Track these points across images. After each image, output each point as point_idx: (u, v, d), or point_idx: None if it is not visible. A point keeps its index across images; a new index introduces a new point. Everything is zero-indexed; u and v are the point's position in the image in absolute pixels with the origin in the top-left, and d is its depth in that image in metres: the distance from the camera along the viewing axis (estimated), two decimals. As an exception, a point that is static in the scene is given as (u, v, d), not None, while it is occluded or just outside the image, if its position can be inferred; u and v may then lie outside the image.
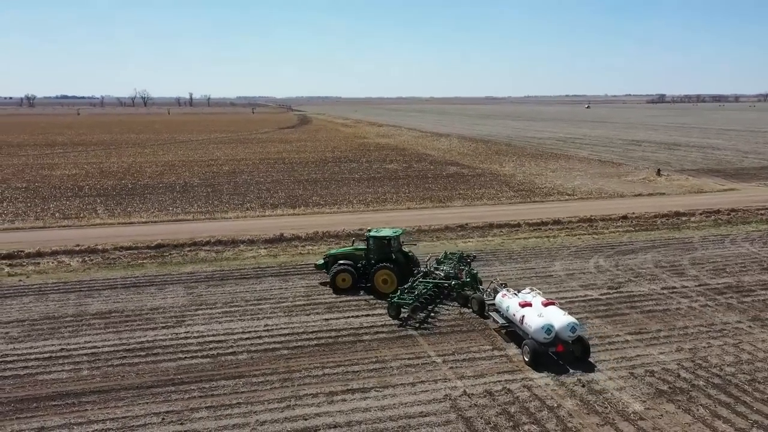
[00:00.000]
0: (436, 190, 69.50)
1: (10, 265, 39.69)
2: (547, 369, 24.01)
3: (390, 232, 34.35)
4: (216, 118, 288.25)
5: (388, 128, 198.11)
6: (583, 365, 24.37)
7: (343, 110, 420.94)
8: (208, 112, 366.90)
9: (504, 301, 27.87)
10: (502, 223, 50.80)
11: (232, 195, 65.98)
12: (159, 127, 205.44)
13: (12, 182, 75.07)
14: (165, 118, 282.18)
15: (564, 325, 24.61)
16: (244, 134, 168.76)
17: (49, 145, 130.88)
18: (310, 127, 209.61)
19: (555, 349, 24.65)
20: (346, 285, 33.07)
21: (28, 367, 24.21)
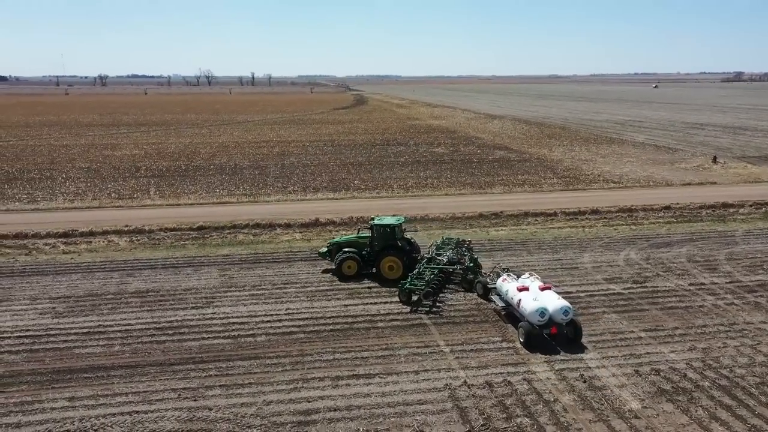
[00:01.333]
0: (479, 176, 69.36)
1: (65, 243, 42.78)
2: (551, 361, 24.40)
3: (393, 220, 35.41)
4: (275, 98, 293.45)
5: (443, 109, 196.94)
6: (590, 360, 24.61)
7: (400, 90, 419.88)
8: (268, 92, 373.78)
9: (504, 285, 29.07)
10: (538, 211, 50.51)
11: (278, 178, 67.98)
12: (219, 107, 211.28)
13: (77, 162, 79.68)
14: (226, 98, 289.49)
15: (557, 309, 26.00)
16: (299, 115, 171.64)
17: (115, 125, 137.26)
18: (364, 107, 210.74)
19: (549, 331, 25.87)
20: (351, 272, 34.21)
21: (68, 341, 26.50)
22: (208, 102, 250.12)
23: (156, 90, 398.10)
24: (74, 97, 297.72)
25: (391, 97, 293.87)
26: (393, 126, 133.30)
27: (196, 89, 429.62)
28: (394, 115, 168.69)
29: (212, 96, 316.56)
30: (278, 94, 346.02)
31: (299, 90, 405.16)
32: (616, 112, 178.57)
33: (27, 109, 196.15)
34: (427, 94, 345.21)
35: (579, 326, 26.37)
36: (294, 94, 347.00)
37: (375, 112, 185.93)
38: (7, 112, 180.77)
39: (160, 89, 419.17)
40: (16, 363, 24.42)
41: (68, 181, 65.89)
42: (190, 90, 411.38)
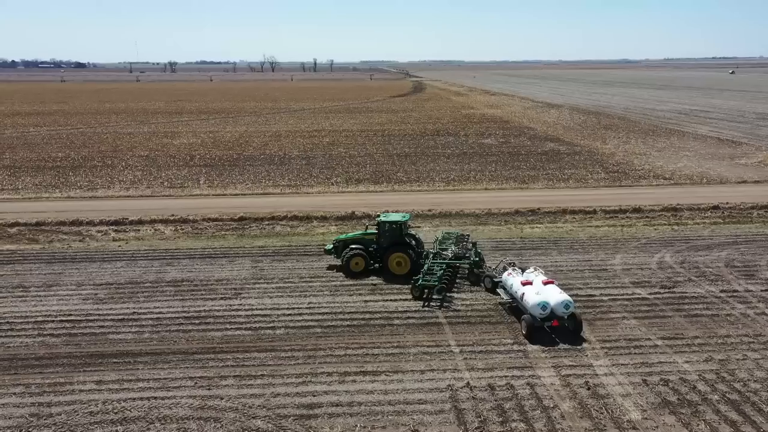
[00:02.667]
0: (524, 170, 68.59)
1: (116, 230, 45.49)
2: (559, 366, 24.47)
3: (399, 217, 36.13)
4: (334, 84, 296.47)
5: (501, 97, 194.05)
6: (599, 366, 24.53)
7: (461, 77, 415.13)
8: (328, 78, 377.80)
9: (509, 279, 30.24)
10: (577, 209, 49.71)
11: (323, 168, 69.39)
12: (278, 94, 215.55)
13: (137, 150, 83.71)
14: (287, 85, 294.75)
15: (558, 302, 27.13)
16: (355, 103, 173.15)
17: (178, 113, 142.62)
18: (421, 95, 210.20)
19: (551, 324, 26.99)
20: (359, 268, 34.99)
21: (104, 326, 28.54)
22: (268, 89, 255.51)
23: (221, 76, 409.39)
24: (144, 84, 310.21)
25: (450, 84, 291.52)
26: (446, 115, 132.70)
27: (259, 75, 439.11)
28: (450, 104, 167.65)
29: (274, 83, 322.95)
30: (338, 80, 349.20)
31: (359, 76, 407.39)
32: (682, 100, 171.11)
33: (99, 96, 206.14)
34: (488, 81, 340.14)
35: (579, 320, 27.43)
36: (353, 80, 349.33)
37: (431, 100, 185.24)
38: (82, 99, 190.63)
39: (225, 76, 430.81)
40: (55, 345, 26.59)
41: (126, 169, 69.49)
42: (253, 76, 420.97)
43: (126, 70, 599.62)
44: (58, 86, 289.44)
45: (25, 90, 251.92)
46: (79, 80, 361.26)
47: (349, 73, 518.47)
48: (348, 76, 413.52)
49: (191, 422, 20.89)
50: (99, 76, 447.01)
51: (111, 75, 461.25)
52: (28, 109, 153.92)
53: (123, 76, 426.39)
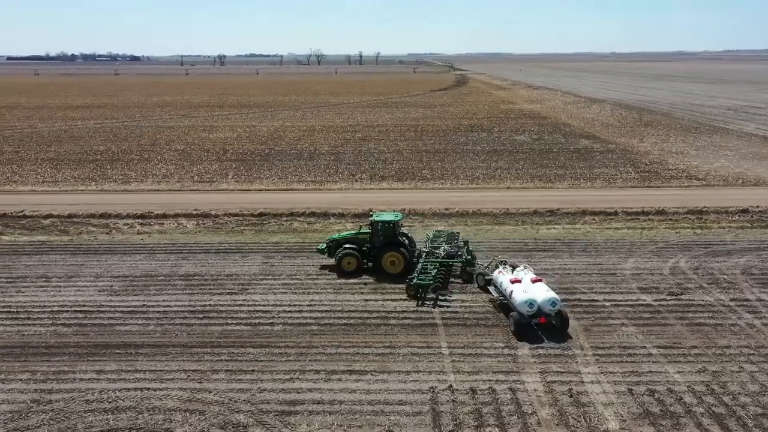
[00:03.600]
0: (552, 168, 67.68)
1: (141, 224, 47.29)
2: (546, 372, 24.44)
3: (392, 216, 36.59)
4: (377, 78, 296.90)
5: (543, 92, 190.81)
6: (587, 373, 24.38)
7: (507, 70, 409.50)
8: (372, 72, 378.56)
9: (499, 277, 31.03)
10: (598, 210, 48.89)
11: (350, 165, 70.09)
12: (320, 88, 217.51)
13: (175, 144, 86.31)
14: (330, 79, 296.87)
15: (545, 300, 27.93)
16: (394, 97, 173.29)
17: (220, 107, 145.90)
18: (462, 89, 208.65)
19: (538, 321, 27.78)
20: (351, 268, 35.44)
21: (113, 318, 29.95)
22: (311, 83, 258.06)
23: (267, 70, 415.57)
24: (193, 78, 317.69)
25: (494, 78, 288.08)
26: (483, 110, 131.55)
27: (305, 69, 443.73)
28: (490, 99, 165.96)
29: (318, 76, 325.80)
30: (381, 74, 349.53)
31: (403, 70, 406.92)
32: (734, 96, 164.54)
33: (148, 90, 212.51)
34: (533, 74, 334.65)
35: (566, 317, 28.18)
36: (397, 74, 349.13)
37: (471, 94, 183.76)
38: (131, 92, 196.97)
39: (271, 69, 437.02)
40: (66, 335, 28.11)
41: (161, 163, 71.83)
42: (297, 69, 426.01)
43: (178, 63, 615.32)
44: (111, 79, 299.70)
45: (80, 83, 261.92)
46: (132, 73, 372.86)
47: (394, 66, 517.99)
48: (392, 70, 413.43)
49: (177, 414, 21.88)
50: (151, 69, 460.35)
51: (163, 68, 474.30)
52: (80, 102, 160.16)
53: (174, 70, 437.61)
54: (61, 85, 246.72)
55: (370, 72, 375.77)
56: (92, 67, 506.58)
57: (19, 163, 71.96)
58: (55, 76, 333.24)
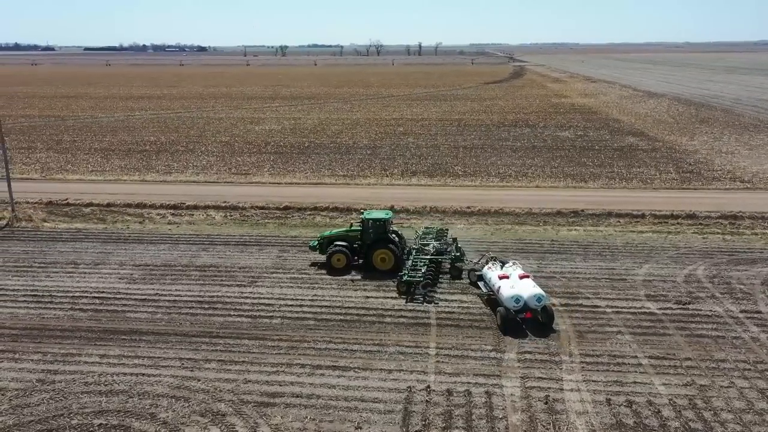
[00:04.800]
0: (589, 166, 66.22)
1: (173, 214, 49.53)
2: (528, 377, 24.47)
3: (383, 214, 37.18)
4: (432, 70, 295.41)
5: (600, 85, 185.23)
6: (569, 381, 24.27)
7: (569, 61, 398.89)
8: (429, 63, 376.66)
9: (488, 273, 31.98)
10: (624, 212, 47.73)
11: (384, 159, 70.68)
12: (374, 80, 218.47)
13: (221, 136, 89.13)
14: (386, 70, 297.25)
15: (531, 296, 28.75)
16: (445, 90, 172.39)
17: (271, 98, 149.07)
18: (516, 82, 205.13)
19: (524, 315, 28.58)
20: (340, 265, 36.08)
21: (127, 305, 31.80)
22: (366, 74, 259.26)
23: (325, 61, 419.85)
24: (253, 68, 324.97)
25: (552, 70, 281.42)
26: (533, 105, 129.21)
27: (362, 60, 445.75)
28: (542, 92, 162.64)
29: (374, 68, 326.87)
30: (438, 65, 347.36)
31: (461, 61, 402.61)
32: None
33: (208, 80, 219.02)
34: (595, 66, 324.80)
35: (551, 312, 28.95)
36: (454, 65, 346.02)
37: (525, 87, 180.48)
38: (192, 83, 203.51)
39: (329, 60, 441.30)
40: (80, 320, 30.11)
41: (204, 154, 74.50)
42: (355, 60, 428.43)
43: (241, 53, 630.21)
44: (176, 70, 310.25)
45: (146, 74, 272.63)
46: (195, 64, 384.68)
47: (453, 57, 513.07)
48: (449, 61, 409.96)
49: (164, 399, 23.25)
50: (214, 60, 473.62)
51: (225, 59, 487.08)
52: (142, 92, 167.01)
53: (236, 60, 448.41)
54: (129, 75, 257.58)
55: (427, 63, 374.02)
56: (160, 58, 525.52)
57: (73, 152, 76.23)
58: (124, 67, 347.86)
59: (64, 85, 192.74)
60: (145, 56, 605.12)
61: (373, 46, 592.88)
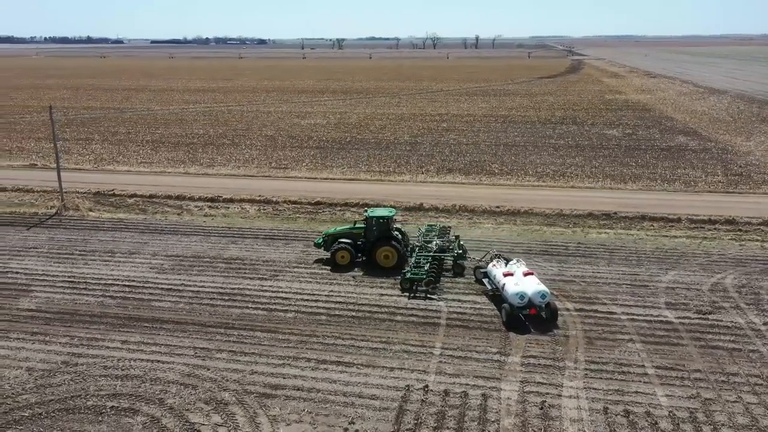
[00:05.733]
0: (631, 167, 64.52)
1: (210, 207, 51.37)
2: (528, 381, 24.51)
3: (386, 212, 37.76)
4: (487, 63, 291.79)
5: (660, 81, 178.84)
6: (570, 387, 24.17)
7: (632, 54, 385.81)
8: (485, 57, 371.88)
9: (493, 270, 32.54)
10: (659, 215, 46.42)
11: (422, 156, 70.87)
12: (426, 74, 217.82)
13: (266, 130, 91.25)
14: (440, 64, 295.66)
15: (535, 292, 29.34)
16: (497, 84, 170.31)
17: (321, 92, 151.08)
18: (571, 77, 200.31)
19: (529, 312, 29.23)
20: (344, 261, 36.71)
21: (153, 294, 33.45)
22: (419, 68, 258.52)
23: (380, 54, 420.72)
24: (309, 62, 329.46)
25: (612, 64, 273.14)
26: (584, 101, 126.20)
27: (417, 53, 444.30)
28: (597, 87, 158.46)
29: (429, 61, 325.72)
30: (494, 59, 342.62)
31: (518, 54, 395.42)
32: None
33: (263, 74, 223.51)
34: (658, 60, 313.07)
35: (555, 309, 29.73)
36: (510, 59, 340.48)
37: (579, 82, 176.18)
38: (247, 77, 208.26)
39: (384, 53, 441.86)
40: (109, 306, 31.91)
41: (247, 148, 76.59)
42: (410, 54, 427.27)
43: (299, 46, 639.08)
44: (234, 63, 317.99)
45: (205, 67, 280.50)
46: (254, 57, 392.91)
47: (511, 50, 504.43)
48: (506, 54, 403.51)
49: (173, 386, 24.52)
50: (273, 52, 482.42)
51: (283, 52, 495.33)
52: (198, 85, 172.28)
53: (293, 53, 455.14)
54: (189, 68, 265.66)
55: (482, 57, 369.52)
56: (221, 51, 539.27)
57: (126, 144, 79.81)
58: (186, 60, 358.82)
59: (127, 78, 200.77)
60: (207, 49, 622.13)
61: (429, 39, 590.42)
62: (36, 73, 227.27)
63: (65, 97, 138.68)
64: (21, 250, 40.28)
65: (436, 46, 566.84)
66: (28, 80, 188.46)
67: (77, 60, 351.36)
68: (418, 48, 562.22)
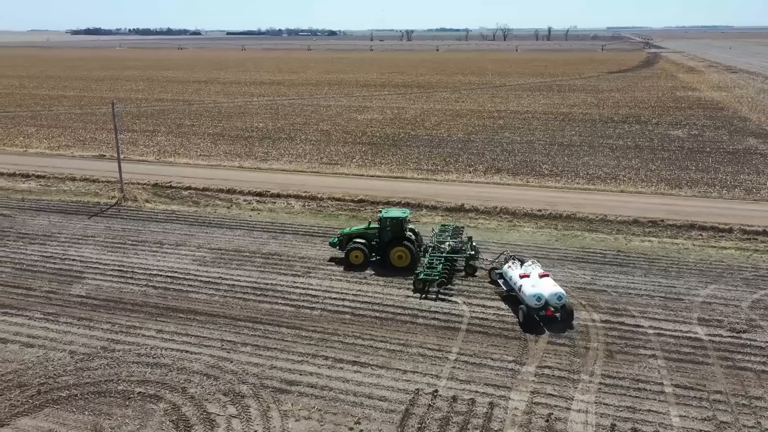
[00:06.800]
0: (690, 171, 61.98)
1: (258, 201, 53.30)
2: (539, 392, 24.52)
3: (400, 213, 38.44)
4: (557, 57, 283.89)
5: (741, 76, 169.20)
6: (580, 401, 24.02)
7: (714, 47, 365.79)
8: (556, 49, 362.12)
9: (509, 271, 33.27)
10: (709, 225, 44.63)
11: (472, 154, 70.52)
12: (491, 67, 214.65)
13: (323, 124, 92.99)
14: (508, 57, 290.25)
15: (552, 294, 30.06)
16: (562, 79, 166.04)
17: (382, 86, 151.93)
18: (643, 72, 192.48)
19: (545, 313, 29.93)
20: (358, 261, 37.48)
21: (192, 286, 35.31)
22: (485, 61, 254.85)
23: (448, 46, 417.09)
24: (376, 54, 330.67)
25: (690, 58, 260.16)
26: (652, 98, 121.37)
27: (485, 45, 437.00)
28: (669, 84, 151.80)
29: (496, 54, 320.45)
30: (565, 51, 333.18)
31: (591, 47, 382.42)
32: None
33: (328, 67, 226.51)
34: (744, 53, 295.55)
35: (570, 310, 30.45)
36: (582, 51, 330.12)
37: (651, 78, 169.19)
38: (313, 69, 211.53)
39: (452, 45, 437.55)
40: (150, 296, 33.99)
41: (302, 143, 78.45)
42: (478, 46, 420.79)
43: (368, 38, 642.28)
44: (303, 55, 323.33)
45: (274, 58, 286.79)
46: (322, 49, 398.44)
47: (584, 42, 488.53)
48: (578, 47, 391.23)
49: (197, 376, 26.04)
50: (342, 44, 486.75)
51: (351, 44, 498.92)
52: (265, 78, 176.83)
53: (361, 45, 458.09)
54: (259, 60, 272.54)
55: (553, 49, 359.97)
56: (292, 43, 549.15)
57: (189, 136, 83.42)
58: (257, 52, 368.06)
59: (200, 70, 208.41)
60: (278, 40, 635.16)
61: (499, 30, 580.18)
62: (117, 64, 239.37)
63: (140, 89, 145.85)
64: (80, 239, 43.31)
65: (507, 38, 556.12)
66: (109, 72, 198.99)
67: (156, 51, 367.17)
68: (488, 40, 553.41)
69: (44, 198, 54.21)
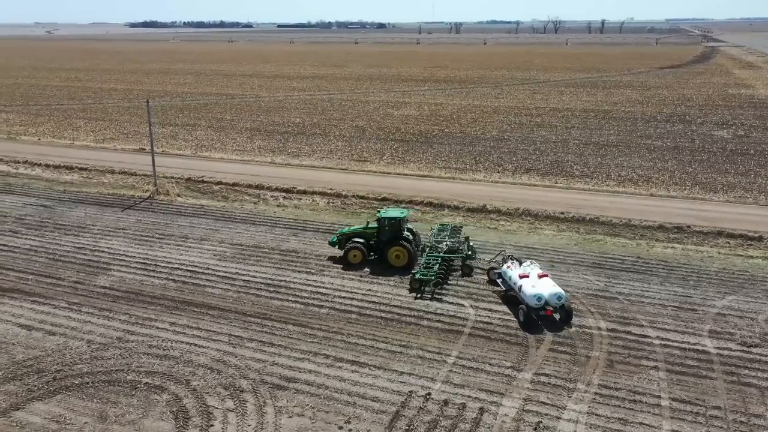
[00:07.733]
0: (729, 174, 59.97)
1: (284, 197, 54.45)
2: (532, 400, 24.59)
3: (398, 213, 38.84)
4: (607, 51, 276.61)
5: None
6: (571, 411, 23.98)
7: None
8: (607, 43, 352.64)
9: (508, 271, 33.52)
10: (738, 232, 43.26)
11: (503, 153, 69.97)
12: (537, 62, 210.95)
13: (358, 120, 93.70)
14: (556, 50, 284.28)
15: (551, 294, 30.44)
16: (610, 75, 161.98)
17: (423, 81, 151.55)
18: (697, 67, 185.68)
19: (544, 313, 30.37)
20: (357, 261, 37.97)
21: (209, 280, 36.59)
22: (533, 55, 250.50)
23: (497, 39, 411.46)
24: (421, 47, 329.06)
25: (751, 53, 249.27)
26: (701, 95, 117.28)
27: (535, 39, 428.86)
28: (722, 80, 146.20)
29: (546, 47, 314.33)
30: (616, 45, 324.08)
31: (645, 40, 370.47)
32: None
33: (372, 60, 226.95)
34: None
35: (570, 310, 30.93)
36: (635, 45, 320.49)
37: (704, 74, 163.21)
38: (357, 63, 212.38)
39: (501, 38, 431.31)
40: (168, 288, 35.42)
41: (335, 139, 79.39)
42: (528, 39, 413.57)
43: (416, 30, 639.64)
44: (349, 48, 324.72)
45: (320, 52, 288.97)
46: (369, 42, 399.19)
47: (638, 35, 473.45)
48: (631, 40, 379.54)
49: (202, 369, 27.15)
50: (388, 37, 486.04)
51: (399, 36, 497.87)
52: (308, 71, 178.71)
53: (408, 38, 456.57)
54: (305, 53, 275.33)
55: (604, 43, 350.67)
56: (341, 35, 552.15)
57: (227, 131, 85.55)
58: (305, 45, 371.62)
59: (247, 63, 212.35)
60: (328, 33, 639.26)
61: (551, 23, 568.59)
62: (168, 57, 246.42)
63: (187, 82, 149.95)
64: (111, 231, 45.34)
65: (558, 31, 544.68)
66: (160, 65, 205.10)
67: (207, 44, 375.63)
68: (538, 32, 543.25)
69: (84, 190, 56.82)
